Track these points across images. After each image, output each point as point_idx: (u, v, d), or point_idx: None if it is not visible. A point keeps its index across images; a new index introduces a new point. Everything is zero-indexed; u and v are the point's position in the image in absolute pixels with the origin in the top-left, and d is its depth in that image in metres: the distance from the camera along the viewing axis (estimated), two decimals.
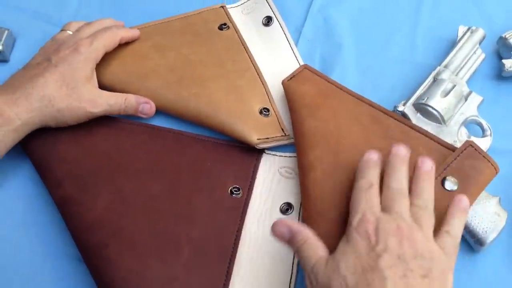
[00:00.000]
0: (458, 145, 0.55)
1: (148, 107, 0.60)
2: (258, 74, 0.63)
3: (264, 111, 0.60)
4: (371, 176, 0.46)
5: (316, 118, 0.55)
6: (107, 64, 0.60)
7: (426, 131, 0.54)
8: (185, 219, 0.53)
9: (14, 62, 0.65)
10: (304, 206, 0.51)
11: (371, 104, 0.57)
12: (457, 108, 0.57)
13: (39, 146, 0.56)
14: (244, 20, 0.68)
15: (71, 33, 0.61)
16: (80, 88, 0.56)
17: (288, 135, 0.58)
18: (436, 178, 0.48)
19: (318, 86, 0.58)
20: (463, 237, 0.53)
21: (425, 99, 0.57)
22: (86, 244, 0.51)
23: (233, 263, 0.51)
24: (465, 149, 0.51)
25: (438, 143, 0.53)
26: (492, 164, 0.50)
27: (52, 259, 0.53)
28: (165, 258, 0.50)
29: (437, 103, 0.56)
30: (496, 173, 0.51)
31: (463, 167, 0.50)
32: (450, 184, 0.49)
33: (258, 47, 0.66)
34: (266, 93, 0.61)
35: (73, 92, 0.55)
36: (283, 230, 0.45)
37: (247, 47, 0.65)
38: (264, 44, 0.66)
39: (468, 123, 0.58)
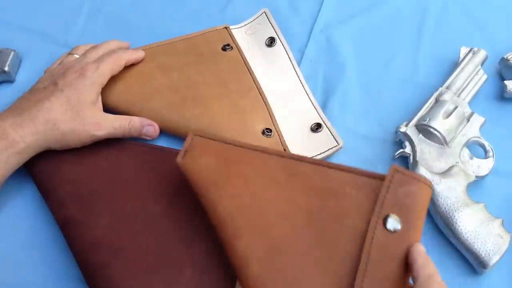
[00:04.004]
0: (461, 166, 0.55)
1: (152, 129, 0.60)
2: (261, 95, 0.63)
3: (267, 132, 0.60)
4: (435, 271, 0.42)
5: (228, 196, 0.48)
6: (111, 85, 0.61)
7: (346, 167, 0.48)
8: (187, 239, 0.53)
9: (20, 83, 0.66)
10: None
11: (279, 154, 0.51)
12: (459, 129, 0.58)
13: (42, 167, 0.57)
14: (248, 41, 0.69)
15: (78, 56, 0.62)
16: (85, 112, 0.56)
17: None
18: (376, 221, 0.44)
19: (217, 152, 0.52)
20: (466, 259, 0.53)
21: (427, 120, 0.57)
22: (87, 264, 0.51)
23: (236, 283, 0.50)
24: (393, 177, 0.46)
25: (363, 175, 0.48)
26: (424, 183, 0.46)
27: (54, 279, 0.53)
28: (167, 278, 0.50)
29: (439, 124, 0.57)
30: (431, 189, 0.46)
31: (398, 198, 0.45)
32: (394, 223, 0.44)
33: (261, 68, 0.66)
34: (269, 113, 0.62)
35: (77, 116, 0.56)
36: None
37: (250, 67, 0.65)
38: (267, 64, 0.67)
39: (471, 144, 0.58)
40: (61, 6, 0.73)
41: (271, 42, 0.68)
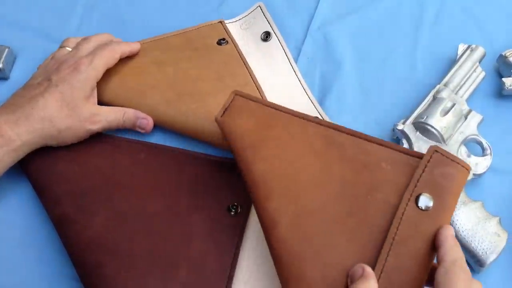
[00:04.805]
0: None
1: (145, 122, 0.60)
2: (257, 88, 0.63)
3: None
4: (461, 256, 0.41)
5: (263, 159, 0.49)
6: (106, 80, 0.60)
7: (384, 141, 0.49)
8: (183, 238, 0.52)
9: (14, 80, 0.66)
10: (278, 271, 0.46)
11: (319, 122, 0.51)
12: (457, 127, 0.57)
13: (37, 165, 0.56)
14: (243, 35, 0.69)
15: (70, 49, 0.61)
16: (80, 108, 0.56)
17: None
18: (409, 198, 0.44)
19: (256, 114, 0.52)
20: None
21: (424, 118, 0.57)
22: (83, 263, 0.51)
23: (232, 282, 0.51)
24: (431, 157, 0.46)
25: (401, 152, 0.48)
26: (462, 166, 0.46)
27: (49, 278, 0.53)
28: (163, 277, 0.50)
29: (437, 122, 0.56)
30: (468, 172, 0.46)
31: (433, 178, 0.45)
32: (426, 200, 0.44)
33: (257, 62, 0.66)
34: None
35: (73, 112, 0.55)
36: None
37: (246, 61, 0.65)
38: (263, 59, 0.67)
39: (468, 142, 0.57)
40: (55, 2, 0.73)
41: (266, 36, 0.68)
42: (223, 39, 0.67)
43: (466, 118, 0.58)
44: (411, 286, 0.41)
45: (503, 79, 0.62)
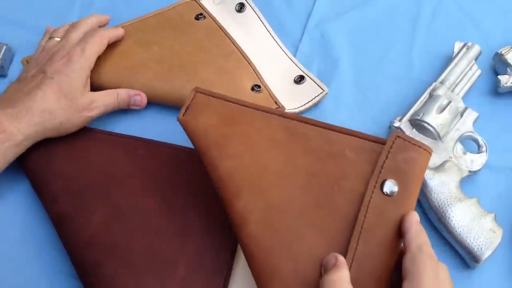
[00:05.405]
0: (454, 161, 0.55)
1: (139, 98, 0.61)
2: (243, 55, 0.65)
3: (256, 88, 0.62)
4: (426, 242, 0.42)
5: (229, 156, 0.48)
6: (96, 66, 0.60)
7: (348, 130, 0.48)
8: (181, 235, 0.52)
9: (12, 77, 0.65)
10: (250, 267, 0.45)
11: (281, 115, 0.50)
12: (453, 124, 0.58)
13: (35, 162, 0.56)
14: (217, 10, 0.70)
15: (59, 39, 0.61)
16: (78, 97, 0.56)
17: (283, 106, 0.61)
18: (374, 184, 0.45)
19: (219, 111, 0.51)
20: (459, 254, 0.53)
21: (420, 115, 0.57)
22: (81, 261, 0.51)
23: (229, 280, 0.51)
24: (393, 142, 0.46)
25: (364, 139, 0.47)
26: (424, 149, 0.46)
27: (49, 276, 0.53)
28: (161, 275, 0.50)
29: (433, 119, 0.57)
30: (430, 155, 0.46)
31: (397, 163, 0.45)
32: (391, 186, 0.44)
33: (236, 33, 0.68)
34: (254, 71, 0.64)
35: (72, 103, 0.56)
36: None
37: (227, 32, 0.67)
38: (241, 29, 0.69)
39: (464, 139, 0.58)
40: (54, 1, 0.73)
41: (240, 8, 0.70)
42: (201, 14, 0.68)
43: (462, 115, 0.58)
44: (381, 272, 0.42)
45: (498, 76, 0.62)
